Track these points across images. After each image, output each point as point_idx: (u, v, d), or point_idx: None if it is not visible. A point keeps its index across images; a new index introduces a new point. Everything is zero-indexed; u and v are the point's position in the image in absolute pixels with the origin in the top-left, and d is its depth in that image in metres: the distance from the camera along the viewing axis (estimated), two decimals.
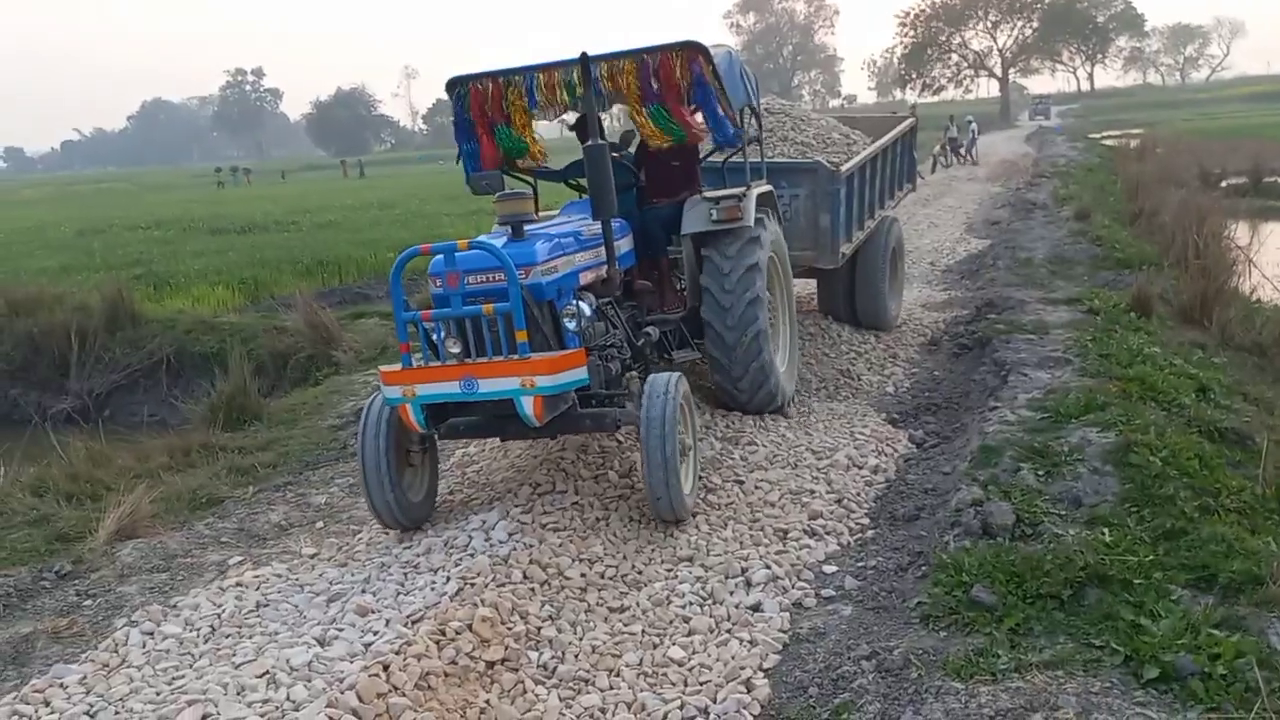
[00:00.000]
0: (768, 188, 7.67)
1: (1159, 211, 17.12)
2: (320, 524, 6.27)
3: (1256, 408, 7.07)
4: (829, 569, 5.04)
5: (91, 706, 3.99)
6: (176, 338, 15.21)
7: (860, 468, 6.37)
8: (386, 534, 5.74)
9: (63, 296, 16.49)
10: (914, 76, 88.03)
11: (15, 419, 14.00)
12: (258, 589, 5.08)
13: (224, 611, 4.81)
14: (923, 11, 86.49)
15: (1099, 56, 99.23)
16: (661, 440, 5.17)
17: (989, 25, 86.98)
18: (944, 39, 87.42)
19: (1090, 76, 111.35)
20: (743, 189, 7.10)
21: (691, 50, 6.44)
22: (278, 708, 3.62)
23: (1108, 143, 43.81)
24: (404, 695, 3.69)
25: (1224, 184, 25.21)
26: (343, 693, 3.62)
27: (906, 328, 10.36)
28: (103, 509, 6.56)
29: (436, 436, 5.70)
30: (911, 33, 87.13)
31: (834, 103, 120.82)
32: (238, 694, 3.74)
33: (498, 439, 6.38)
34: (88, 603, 5.31)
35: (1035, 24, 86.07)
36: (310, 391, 10.86)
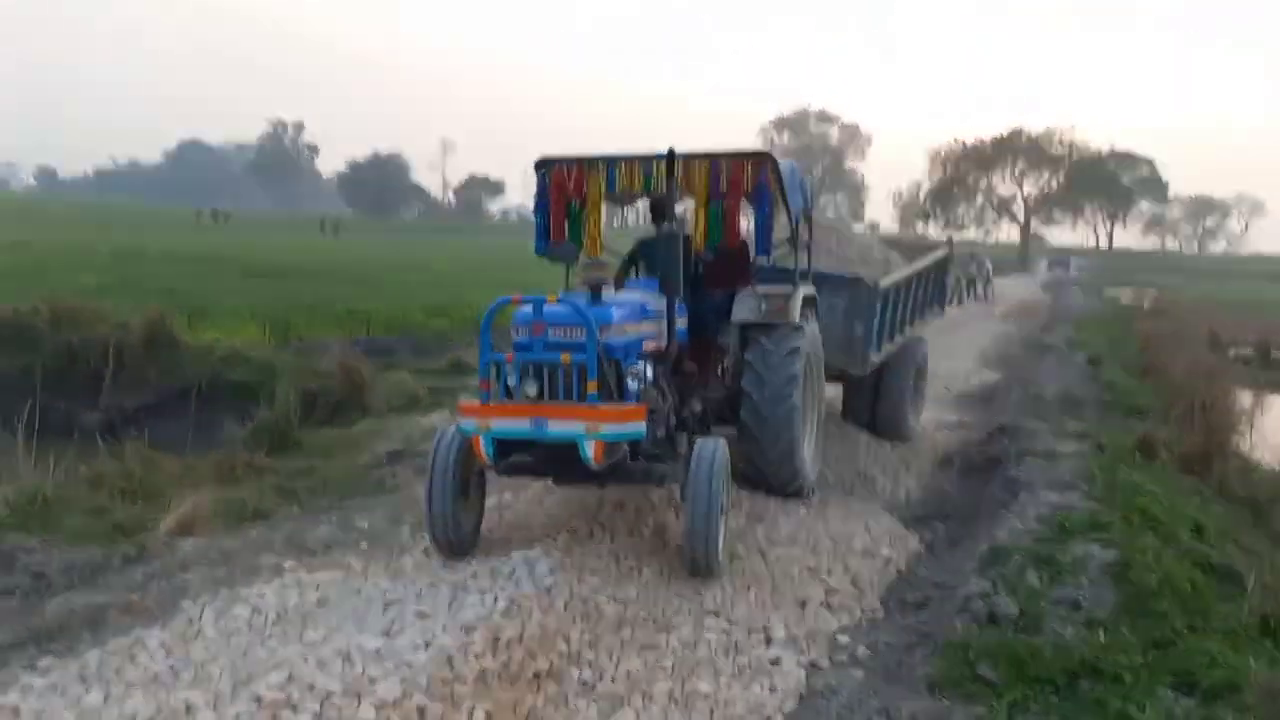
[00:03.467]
0: (812, 291, 8.22)
1: (1168, 366, 17.69)
2: (365, 545, 6.62)
3: (1246, 554, 7.50)
4: (843, 639, 5.42)
5: (174, 666, 4.38)
6: (211, 367, 15.73)
7: (874, 556, 6.78)
8: (430, 558, 6.12)
9: (104, 313, 16.99)
10: (938, 212, 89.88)
11: (41, 429, 14.30)
12: (317, 588, 5.48)
13: (289, 602, 5.21)
14: (954, 151, 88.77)
15: (1120, 216, 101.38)
16: (708, 493, 5.64)
17: (1016, 173, 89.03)
18: (971, 180, 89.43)
19: (1110, 235, 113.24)
20: (790, 289, 7.66)
21: (761, 158, 7.10)
22: (355, 680, 4.01)
23: (1123, 300, 44.75)
24: (466, 685, 4.08)
25: (1231, 351, 25.86)
26: (414, 675, 4.01)
27: (920, 443, 10.78)
28: (160, 507, 6.98)
29: (497, 472, 6.14)
30: (941, 170, 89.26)
31: (858, 227, 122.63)
32: (318, 665, 4.13)
33: (548, 482, 6.79)
34: (153, 584, 5.70)
35: (1061, 177, 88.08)
36: (344, 431, 11.29)
